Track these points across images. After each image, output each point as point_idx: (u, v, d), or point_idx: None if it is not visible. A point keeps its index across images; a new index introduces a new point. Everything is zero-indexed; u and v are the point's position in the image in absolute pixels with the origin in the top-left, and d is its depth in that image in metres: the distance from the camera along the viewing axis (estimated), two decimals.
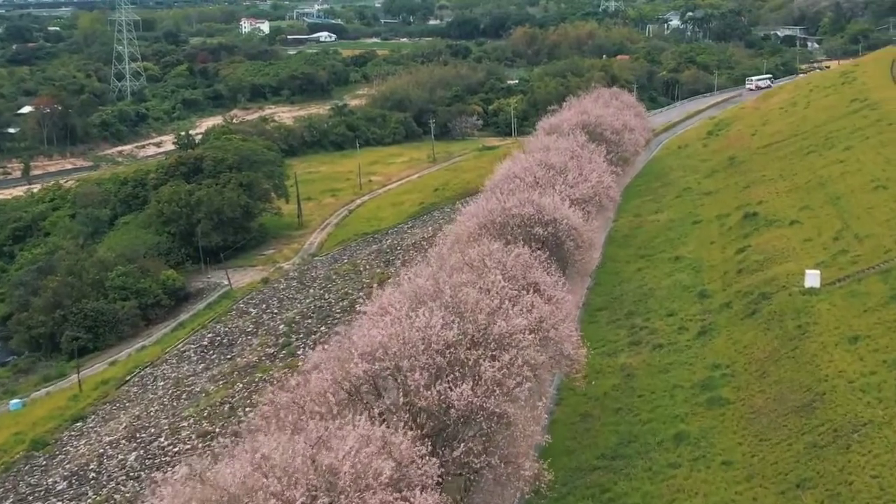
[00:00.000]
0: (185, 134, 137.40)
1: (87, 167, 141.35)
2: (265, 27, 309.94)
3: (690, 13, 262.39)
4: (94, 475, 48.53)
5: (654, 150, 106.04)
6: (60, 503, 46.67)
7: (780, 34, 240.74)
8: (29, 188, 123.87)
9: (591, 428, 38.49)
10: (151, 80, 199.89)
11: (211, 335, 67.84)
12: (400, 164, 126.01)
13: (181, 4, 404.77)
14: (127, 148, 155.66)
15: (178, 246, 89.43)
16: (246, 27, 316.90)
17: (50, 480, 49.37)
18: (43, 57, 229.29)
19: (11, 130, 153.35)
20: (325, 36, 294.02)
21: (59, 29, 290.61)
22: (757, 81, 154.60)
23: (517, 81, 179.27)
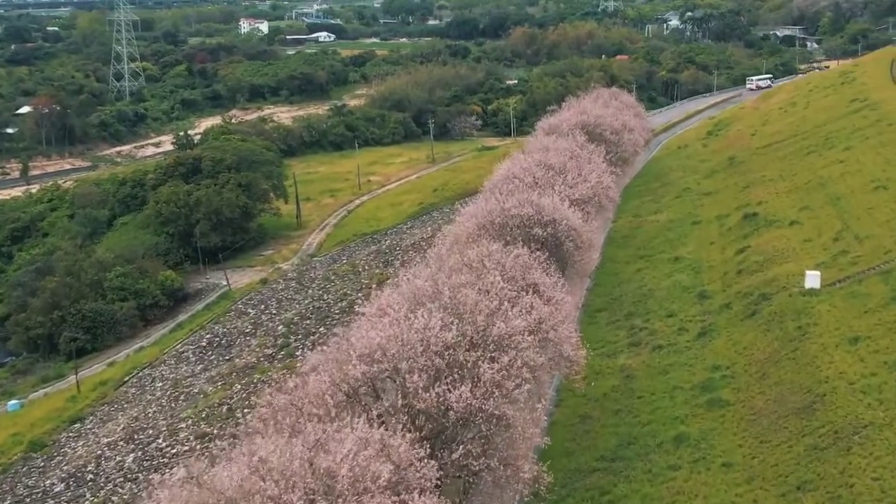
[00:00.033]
0: (183, 134, 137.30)
1: (85, 167, 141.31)
2: (264, 27, 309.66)
3: (690, 13, 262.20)
4: (91, 477, 48.44)
5: (653, 150, 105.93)
6: None
7: (779, 34, 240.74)
8: (27, 188, 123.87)
9: (590, 430, 38.36)
10: (150, 80, 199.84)
11: (209, 336, 67.74)
12: (399, 164, 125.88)
13: (180, 4, 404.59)
14: (125, 148, 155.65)
15: (176, 246, 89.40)
16: (245, 27, 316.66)
17: (47, 482, 49.28)
18: (41, 57, 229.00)
19: (10, 131, 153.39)
20: (324, 36, 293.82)
21: (57, 29, 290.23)
22: (757, 81, 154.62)
23: (516, 81, 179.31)
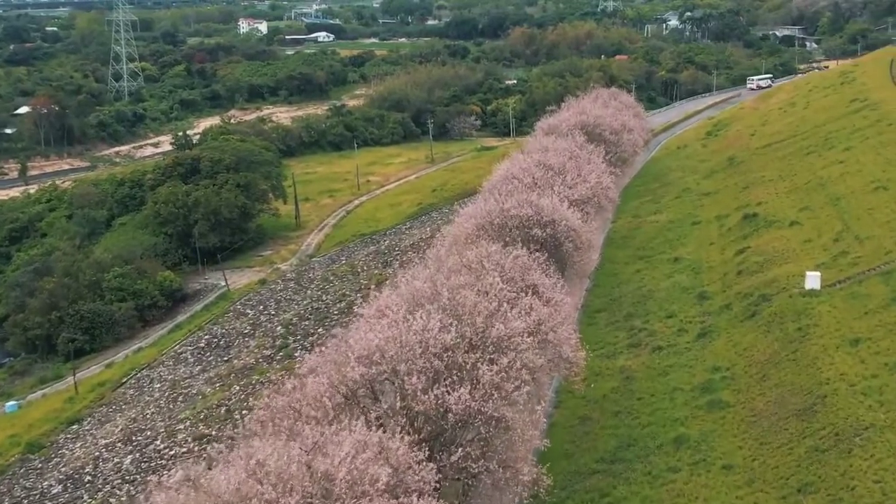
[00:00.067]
0: (182, 134, 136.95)
1: (84, 168, 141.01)
2: (263, 27, 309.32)
3: (689, 13, 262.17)
4: (89, 479, 48.25)
5: (652, 150, 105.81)
6: None
7: (778, 34, 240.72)
8: (26, 189, 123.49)
9: (590, 431, 38.20)
10: (149, 80, 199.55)
11: (208, 337, 67.56)
12: (398, 164, 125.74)
13: (179, 4, 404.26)
14: (124, 148, 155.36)
15: (175, 247, 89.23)
16: (244, 27, 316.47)
17: (45, 484, 49.10)
18: (40, 57, 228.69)
19: (8, 131, 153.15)
20: (323, 36, 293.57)
21: (56, 29, 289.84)
22: (758, 81, 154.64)
23: (515, 82, 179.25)
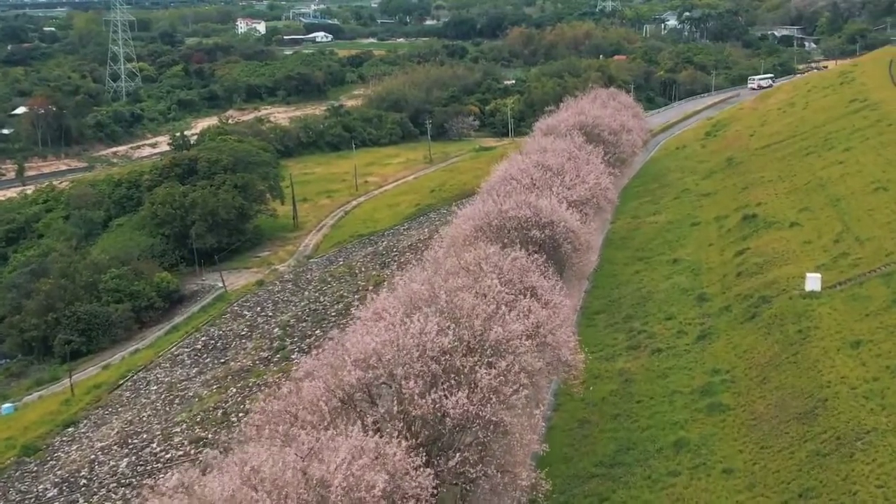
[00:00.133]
0: (180, 135, 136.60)
1: (81, 168, 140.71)
2: (261, 27, 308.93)
3: (687, 13, 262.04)
4: (85, 482, 47.93)
5: (651, 150, 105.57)
6: None
7: (777, 34, 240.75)
8: (23, 189, 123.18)
9: (589, 435, 37.90)
10: (147, 80, 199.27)
11: (205, 338, 67.26)
12: (396, 164, 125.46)
13: (177, 4, 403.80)
14: (122, 149, 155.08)
15: (172, 248, 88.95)
16: (242, 27, 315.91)
17: (40, 487, 48.80)
18: (38, 57, 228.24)
19: (6, 131, 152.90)
20: (321, 36, 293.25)
21: (54, 29, 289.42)
22: (759, 81, 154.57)
23: (514, 82, 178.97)
